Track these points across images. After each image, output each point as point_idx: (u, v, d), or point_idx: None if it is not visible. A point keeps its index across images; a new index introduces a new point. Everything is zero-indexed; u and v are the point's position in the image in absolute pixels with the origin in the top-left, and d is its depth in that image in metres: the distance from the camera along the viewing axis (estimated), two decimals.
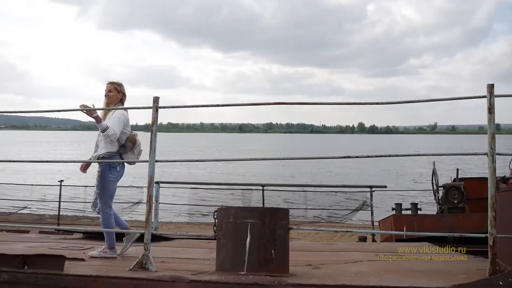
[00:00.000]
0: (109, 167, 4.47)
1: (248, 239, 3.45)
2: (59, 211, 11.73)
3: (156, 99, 3.53)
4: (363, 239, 7.89)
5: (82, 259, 3.96)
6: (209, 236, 3.91)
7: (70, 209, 14.14)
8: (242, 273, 3.39)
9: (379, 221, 8.63)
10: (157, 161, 3.53)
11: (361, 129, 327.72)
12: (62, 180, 11.05)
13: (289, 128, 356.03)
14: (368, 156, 4.17)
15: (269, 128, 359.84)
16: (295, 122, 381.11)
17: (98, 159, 4.57)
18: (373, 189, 8.66)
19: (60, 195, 10.97)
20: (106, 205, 4.51)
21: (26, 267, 3.36)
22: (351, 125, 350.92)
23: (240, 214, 3.50)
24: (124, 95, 4.79)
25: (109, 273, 3.27)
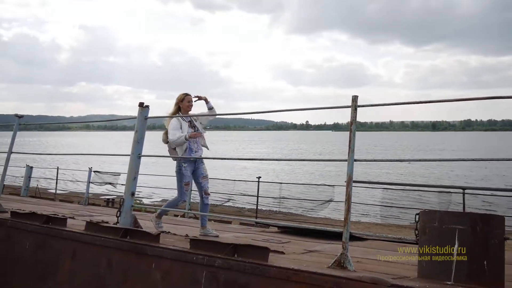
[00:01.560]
0: None
1: (456, 246, 3.13)
2: (257, 205, 12.70)
3: (355, 98, 3.49)
4: None
5: (282, 252, 4.17)
6: (410, 240, 3.68)
7: (266, 204, 15.19)
8: (449, 283, 3.10)
9: None
10: (355, 160, 3.49)
11: None
12: (259, 177, 11.93)
13: (491, 126, 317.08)
14: None
15: (467, 125, 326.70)
16: (499, 119, 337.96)
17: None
18: None
19: (258, 190, 11.86)
20: None
21: (236, 255, 3.69)
22: None
23: (447, 218, 3.20)
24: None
25: (309, 268, 3.35)
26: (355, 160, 3.48)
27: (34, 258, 5.16)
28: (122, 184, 14.55)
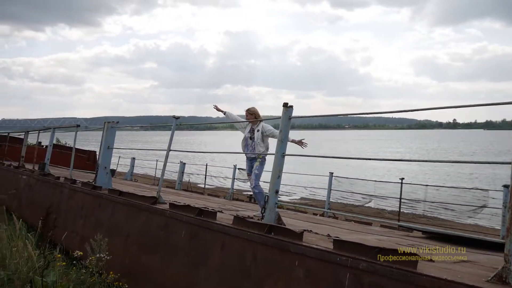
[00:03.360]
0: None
1: None
2: (399, 207, 12.13)
3: None
4: None
5: (431, 260, 3.89)
6: None
7: (409, 206, 14.40)
8: None
9: None
10: None
11: None
12: (402, 178, 11.36)
13: None
14: None
15: None
16: None
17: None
18: None
19: (401, 192, 11.31)
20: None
21: (381, 259, 3.55)
22: None
23: None
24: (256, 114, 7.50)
25: (465, 280, 3.07)
26: None
27: (188, 246, 5.65)
28: (264, 181, 15.16)
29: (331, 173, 11.61)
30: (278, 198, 5.15)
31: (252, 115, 7.48)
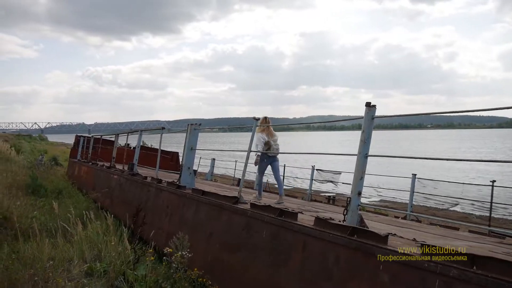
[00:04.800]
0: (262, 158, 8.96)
1: None
2: (490, 212, 11.34)
3: None
4: None
5: None
6: None
7: (502, 211, 13.41)
8: None
9: None
10: None
11: None
12: (494, 181, 10.60)
13: None
14: None
15: None
16: None
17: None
18: None
19: (491, 195, 10.56)
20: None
21: (474, 267, 3.36)
22: None
23: None
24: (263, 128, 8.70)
25: None
26: None
27: (269, 247, 5.72)
28: (343, 183, 14.90)
29: (414, 175, 11.14)
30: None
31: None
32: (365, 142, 4.93)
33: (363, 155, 4.92)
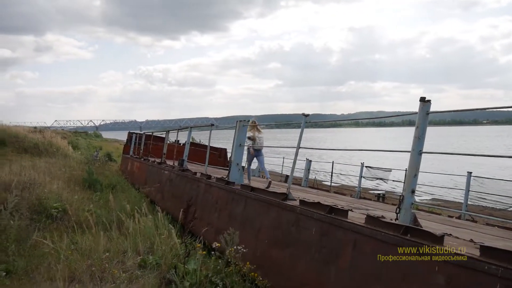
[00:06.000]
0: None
1: None
2: None
3: None
4: None
5: None
6: None
7: None
8: None
9: None
10: None
11: None
12: None
13: None
14: None
15: None
16: None
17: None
18: None
19: None
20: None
21: None
22: None
23: None
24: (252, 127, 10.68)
25: None
26: None
27: (319, 244, 5.67)
28: (393, 180, 14.54)
29: (470, 173, 10.66)
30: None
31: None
32: (419, 139, 4.76)
33: (417, 151, 4.76)
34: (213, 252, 6.87)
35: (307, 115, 7.17)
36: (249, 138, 10.70)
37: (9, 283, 6.15)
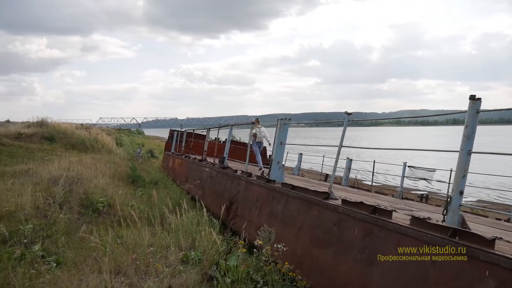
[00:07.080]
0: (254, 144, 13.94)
1: None
2: None
3: None
4: None
5: None
6: None
7: None
8: None
9: None
10: None
11: None
12: None
13: None
14: None
15: None
16: None
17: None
18: None
19: None
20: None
21: None
22: None
23: None
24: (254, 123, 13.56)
25: None
26: None
27: (362, 244, 5.58)
28: (437, 181, 14.12)
29: None
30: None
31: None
32: (468, 138, 4.60)
33: (465, 151, 4.60)
34: (254, 250, 6.90)
35: (349, 114, 7.08)
36: (253, 135, 13.58)
37: (60, 273, 6.41)
